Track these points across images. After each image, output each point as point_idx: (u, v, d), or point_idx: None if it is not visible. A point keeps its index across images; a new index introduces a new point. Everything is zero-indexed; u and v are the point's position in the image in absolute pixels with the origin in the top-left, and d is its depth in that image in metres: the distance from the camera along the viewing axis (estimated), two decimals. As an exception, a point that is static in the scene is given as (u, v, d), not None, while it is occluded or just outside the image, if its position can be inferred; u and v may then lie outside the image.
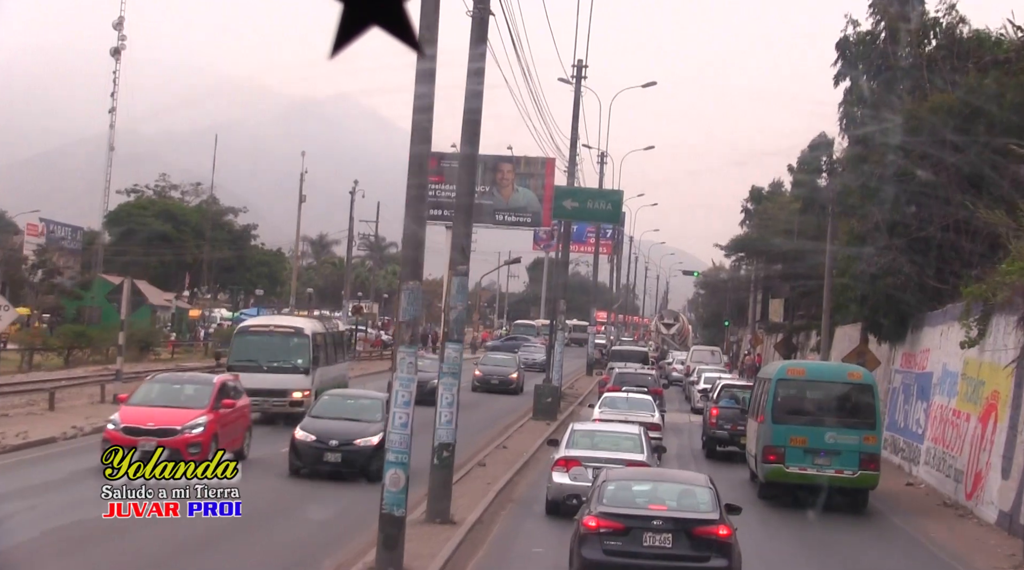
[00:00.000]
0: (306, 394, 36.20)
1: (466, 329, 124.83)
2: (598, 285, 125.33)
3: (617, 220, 48.98)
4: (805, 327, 61.07)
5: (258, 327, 39.51)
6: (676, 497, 16.84)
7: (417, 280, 18.77)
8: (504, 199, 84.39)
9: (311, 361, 37.21)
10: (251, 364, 36.28)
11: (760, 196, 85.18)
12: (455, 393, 22.60)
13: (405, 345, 18.53)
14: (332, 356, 41.15)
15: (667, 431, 43.80)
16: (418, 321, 19.02)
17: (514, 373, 57.61)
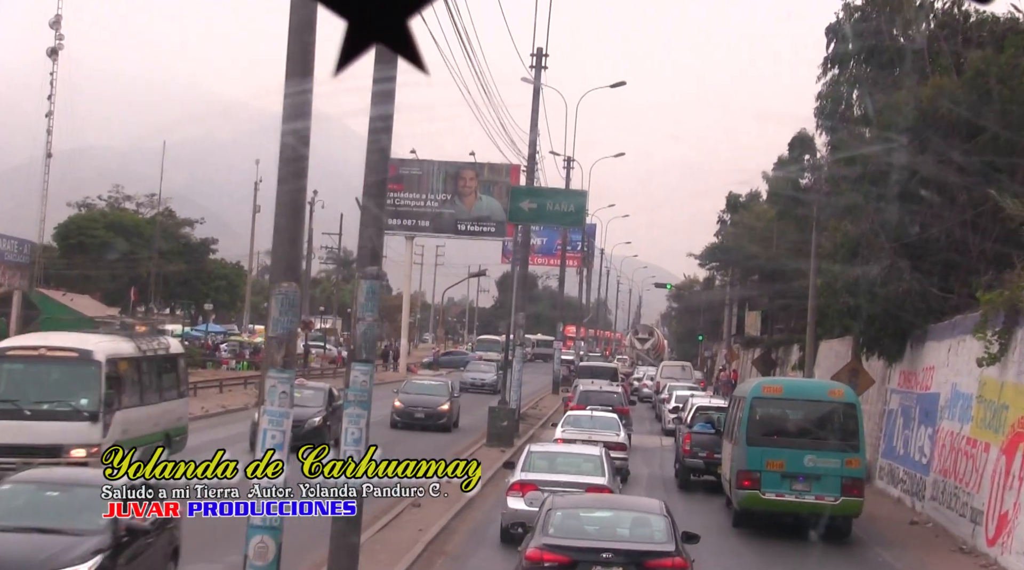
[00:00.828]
0: (93, 451, 24.07)
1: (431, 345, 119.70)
2: (567, 299, 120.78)
3: (581, 223, 44.18)
4: (785, 342, 56.40)
5: (19, 351, 26.44)
6: (628, 526, 15.72)
7: (292, 282, 13.93)
8: (467, 208, 79.71)
9: (102, 402, 24.70)
10: (8, 407, 24.71)
11: (736, 204, 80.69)
12: (363, 428, 17.76)
13: (276, 369, 13.71)
14: (152, 391, 28.25)
15: (637, 456, 39.57)
16: (293, 335, 14.17)
17: (444, 403, 44.09)
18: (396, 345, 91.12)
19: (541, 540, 14.97)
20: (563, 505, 16.24)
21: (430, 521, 24.27)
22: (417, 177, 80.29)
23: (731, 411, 29.99)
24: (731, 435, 28.44)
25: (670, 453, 40.21)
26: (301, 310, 71.75)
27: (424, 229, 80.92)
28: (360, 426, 17.81)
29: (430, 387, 46.67)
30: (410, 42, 3.02)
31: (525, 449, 25.44)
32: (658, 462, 40.27)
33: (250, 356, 79.55)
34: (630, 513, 16.25)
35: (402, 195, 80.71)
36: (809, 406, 26.79)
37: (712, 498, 31.38)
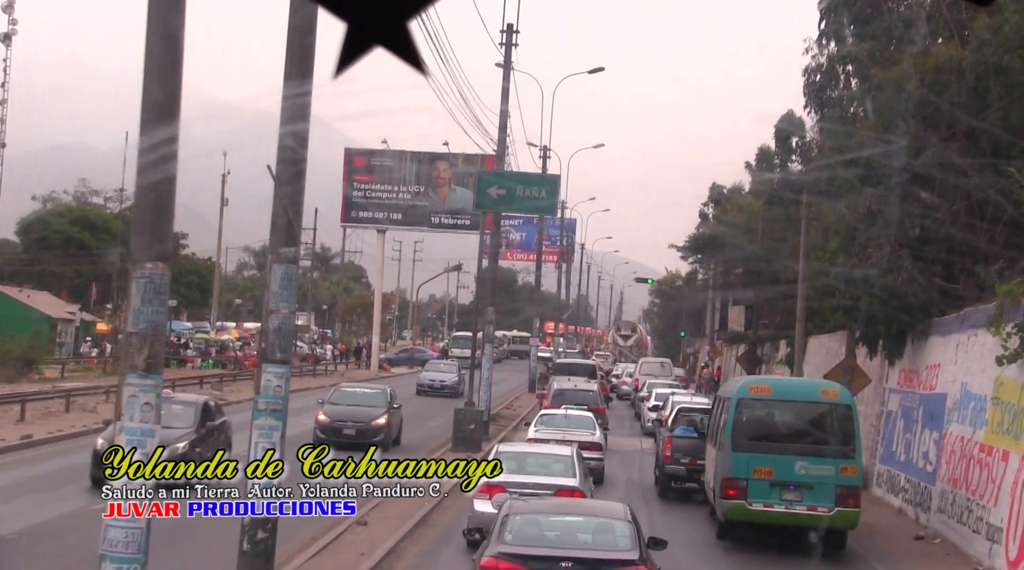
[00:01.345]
0: None
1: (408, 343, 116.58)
2: (546, 295, 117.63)
3: (553, 211, 41.07)
4: (772, 337, 53.41)
5: None
6: (590, 533, 14.87)
7: (161, 262, 10.81)
8: (440, 200, 76.55)
9: None
10: None
11: (720, 197, 77.68)
12: (276, 442, 14.71)
13: (137, 374, 10.62)
14: None
15: (615, 460, 36.76)
16: (161, 331, 11.01)
17: (380, 416, 35.92)
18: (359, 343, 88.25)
19: (497, 548, 14.00)
20: (522, 510, 15.14)
21: (376, 541, 21.22)
22: (389, 168, 77.11)
23: (715, 413, 27.35)
24: (715, 439, 25.86)
25: (650, 457, 37.34)
26: None
27: (396, 222, 77.72)
28: (273, 440, 14.78)
29: (363, 396, 37.83)
30: (410, 44, 3.08)
31: (493, 449, 24.04)
32: (637, 467, 37.27)
33: (217, 354, 76.28)
34: (593, 518, 15.35)
35: (373, 187, 77.47)
36: (800, 408, 24.38)
37: (695, 507, 28.81)
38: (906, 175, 28.20)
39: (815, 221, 40.49)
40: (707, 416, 31.91)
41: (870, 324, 30.32)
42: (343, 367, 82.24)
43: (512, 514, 14.78)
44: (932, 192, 28.41)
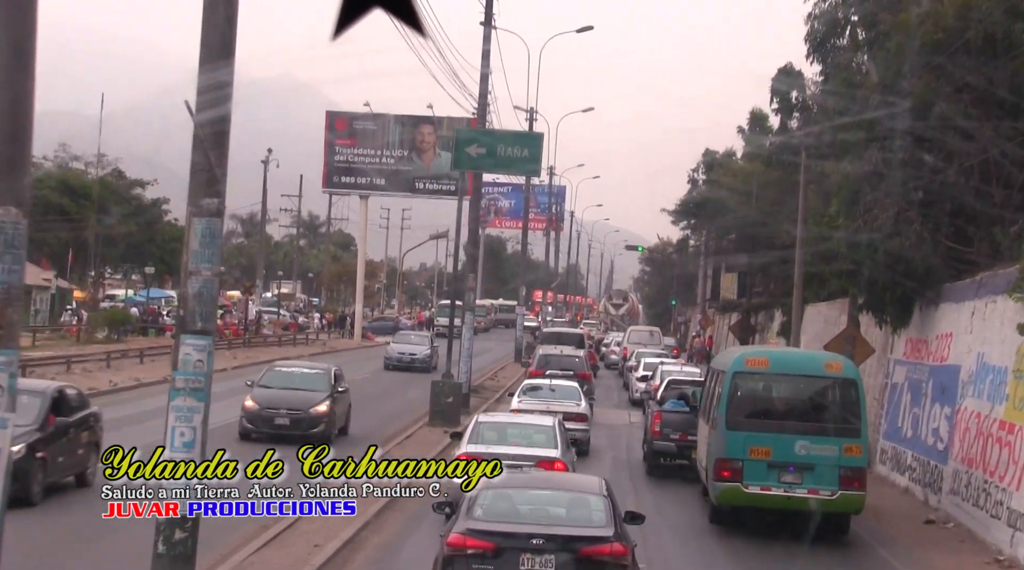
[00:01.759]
0: None
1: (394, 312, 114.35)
2: (536, 263, 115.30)
3: (537, 171, 38.55)
4: (766, 305, 51.20)
5: None
6: (564, 508, 14.17)
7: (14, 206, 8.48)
8: (425, 165, 74.04)
9: None
10: None
11: (712, 162, 75.34)
12: (197, 427, 12.46)
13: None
14: None
15: (601, 434, 34.76)
16: (14, 294, 8.64)
17: (321, 403, 29.23)
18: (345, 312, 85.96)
19: (465, 524, 13.33)
20: (492, 484, 14.42)
21: (334, 530, 18.99)
22: (371, 132, 74.51)
23: (708, 387, 25.32)
24: (708, 416, 23.80)
25: (638, 431, 35.21)
26: (257, 273, 65.05)
27: (379, 188, 75.17)
28: (194, 424, 12.52)
29: (301, 378, 30.69)
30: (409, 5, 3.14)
31: (473, 419, 23.32)
32: (624, 442, 35.10)
33: (196, 323, 73.91)
34: (566, 493, 14.55)
35: (355, 151, 74.89)
36: (801, 382, 22.52)
37: (685, 487, 26.76)
38: (913, 132, 25.93)
39: (814, 184, 38.29)
40: (699, 389, 29.52)
41: (874, 290, 28.08)
42: (326, 336, 79.86)
43: (482, 488, 14.09)
44: (941, 151, 26.15)
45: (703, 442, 24.41)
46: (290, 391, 29.61)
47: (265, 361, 53.92)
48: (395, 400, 41.58)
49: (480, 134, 35.36)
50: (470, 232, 40.13)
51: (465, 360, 38.38)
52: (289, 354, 60.53)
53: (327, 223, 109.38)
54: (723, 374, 22.87)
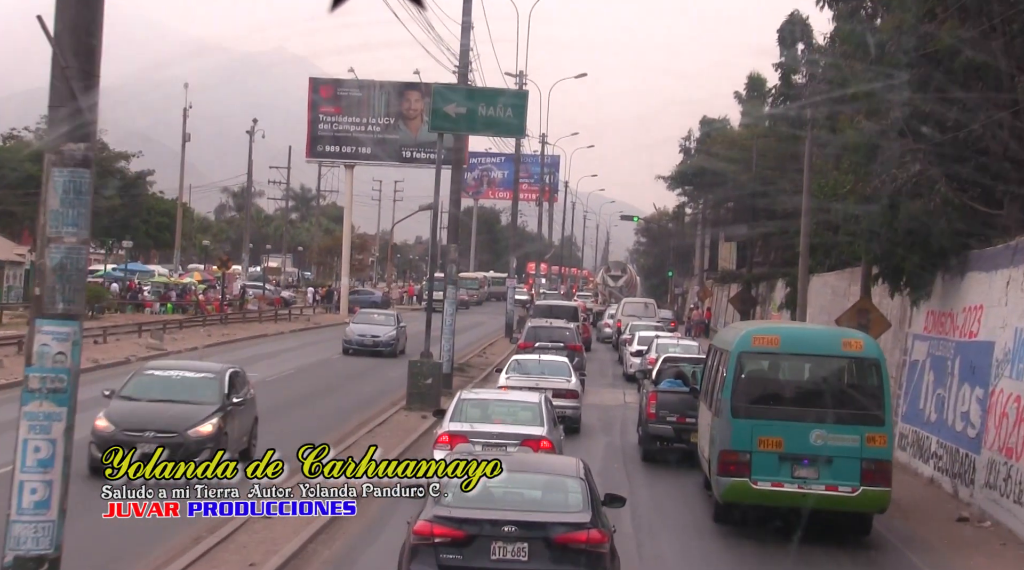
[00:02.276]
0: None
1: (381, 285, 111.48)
2: (529, 234, 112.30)
3: (522, 132, 35.29)
4: (768, 276, 48.28)
5: None
6: (539, 492, 13.24)
7: None
8: (412, 133, 70.90)
9: None
10: None
11: (709, 130, 72.41)
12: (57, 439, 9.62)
13: None
14: None
15: (593, 416, 32.61)
16: None
17: (205, 422, 20.60)
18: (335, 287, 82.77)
19: (433, 511, 12.53)
20: None
21: (277, 542, 16.18)
22: (357, 99, 71.31)
23: (710, 366, 22.56)
24: (710, 400, 21.05)
25: (634, 412, 32.43)
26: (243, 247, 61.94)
27: (366, 157, 71.98)
28: (52, 436, 9.64)
29: (179, 386, 21.55)
30: None
31: (456, 395, 21.90)
32: (618, 425, 32.28)
33: (177, 298, 71.02)
34: (541, 476, 13.70)
35: (340, 119, 71.64)
36: (817, 363, 19.91)
37: (684, 475, 24.18)
38: (935, 82, 22.99)
39: (819, 147, 35.37)
40: (698, 367, 27.22)
41: (890, 258, 25.16)
42: (310, 311, 76.84)
43: None
44: (964, 104, 23.21)
45: (705, 430, 21.72)
46: (161, 405, 21.01)
47: (243, 339, 51.17)
48: (372, 381, 38.68)
49: (459, 92, 32.34)
50: (451, 198, 37.16)
51: (447, 337, 35.47)
52: (268, 331, 57.67)
53: (316, 195, 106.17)
54: (727, 354, 20.11)
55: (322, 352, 47.25)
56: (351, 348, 46.77)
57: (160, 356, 41.44)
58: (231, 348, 46.36)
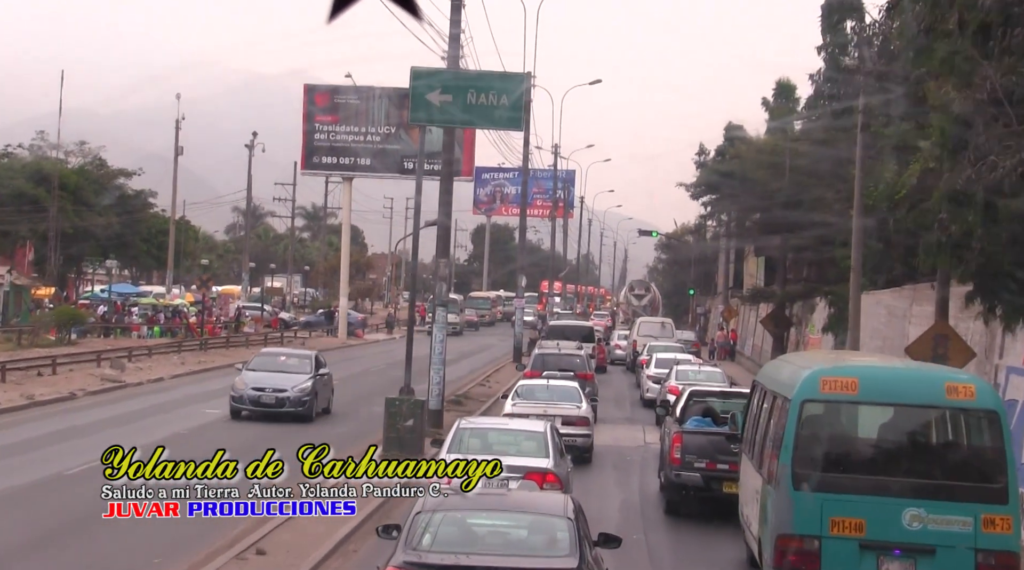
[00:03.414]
0: None
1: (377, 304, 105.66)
2: (545, 252, 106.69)
3: (518, 124, 29.30)
4: (802, 295, 42.51)
5: None
6: (522, 534, 11.99)
7: None
8: (414, 143, 65.17)
9: None
10: None
11: (733, 138, 67.05)
12: None
13: None
14: None
15: (607, 463, 27.21)
16: None
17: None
18: None
19: (402, 556, 11.06)
20: (436, 506, 11.90)
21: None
22: (355, 107, 65.83)
23: (755, 410, 17.39)
24: (759, 458, 15.88)
25: (654, 453, 27.02)
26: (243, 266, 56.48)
27: (364, 169, 66.42)
28: None
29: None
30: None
31: (454, 425, 19.99)
32: (637, 473, 26.62)
33: (166, 321, 65.58)
34: (525, 515, 12.17)
35: (337, 129, 66.18)
36: (911, 415, 14.49)
37: (718, 538, 19.49)
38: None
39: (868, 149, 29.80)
40: (729, 403, 23.22)
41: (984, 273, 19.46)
42: (306, 335, 71.13)
43: (424, 511, 11.74)
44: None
45: (751, 496, 16.26)
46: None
47: (220, 367, 45.68)
48: (346, 421, 32.68)
49: (443, 75, 26.56)
50: (440, 207, 31.59)
51: (436, 368, 29.86)
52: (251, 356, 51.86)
53: (323, 211, 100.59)
54: (782, 399, 14.73)
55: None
56: (245, 409, 31.02)
57: (118, 388, 35.99)
58: (199, 379, 40.79)
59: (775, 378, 16.68)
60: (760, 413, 16.53)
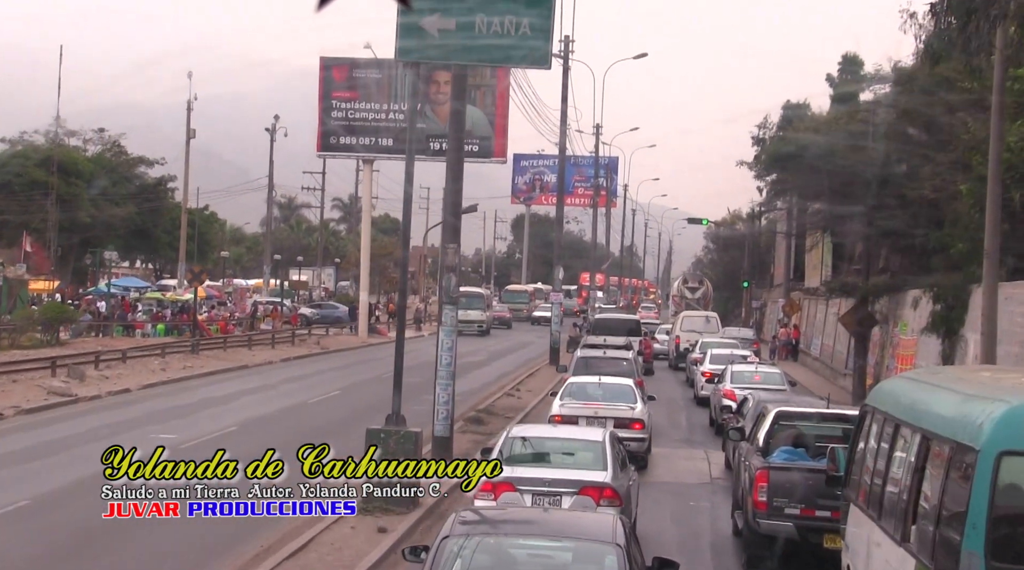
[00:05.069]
0: None
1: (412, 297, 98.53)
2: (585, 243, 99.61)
3: (544, 61, 22.02)
4: (896, 287, 35.08)
5: None
6: (566, 563, 10.48)
7: None
8: (441, 122, 58.06)
9: None
10: None
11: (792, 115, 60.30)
12: None
13: None
14: None
15: (665, 512, 19.70)
16: None
17: None
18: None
19: None
20: (466, 531, 10.30)
21: None
22: (376, 82, 58.84)
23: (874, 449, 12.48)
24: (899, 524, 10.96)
25: (725, 491, 20.21)
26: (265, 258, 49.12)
27: (386, 150, 59.33)
28: None
29: None
30: None
31: (503, 433, 17.72)
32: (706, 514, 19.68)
33: (173, 318, 58.85)
34: (568, 543, 10.49)
35: (356, 106, 59.14)
36: None
37: None
38: None
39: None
40: (822, 428, 18.18)
41: None
42: (322, 332, 64.17)
43: (453, 535, 10.16)
44: None
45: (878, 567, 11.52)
46: None
47: (210, 373, 38.80)
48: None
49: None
50: (448, 180, 24.46)
51: (443, 383, 22.77)
52: (255, 359, 44.97)
53: (353, 201, 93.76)
54: (950, 447, 9.71)
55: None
56: None
57: (66, 404, 29.19)
58: (175, 390, 33.78)
59: (920, 408, 11.07)
60: (892, 457, 11.46)
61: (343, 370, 43.05)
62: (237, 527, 15.86)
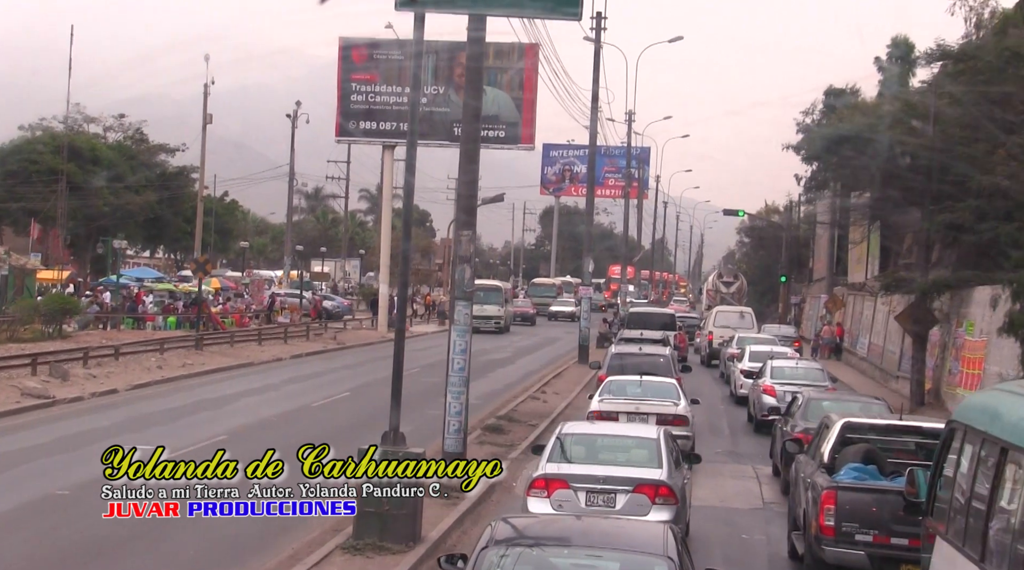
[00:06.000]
0: None
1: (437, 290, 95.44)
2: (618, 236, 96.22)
3: (575, 9, 19.14)
4: (962, 283, 31.71)
5: None
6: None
7: None
8: (466, 104, 55.06)
9: None
10: None
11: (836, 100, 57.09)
12: None
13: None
14: None
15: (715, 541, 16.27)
16: None
17: None
18: None
19: None
20: (507, 538, 9.63)
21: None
22: (397, 63, 55.69)
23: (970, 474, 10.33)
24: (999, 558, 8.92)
25: (778, 515, 17.18)
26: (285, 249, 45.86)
27: (407, 135, 56.47)
28: None
29: None
30: None
31: (555, 431, 16.75)
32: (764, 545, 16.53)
33: (184, 310, 55.97)
34: (615, 554, 9.62)
35: (376, 89, 56.00)
36: None
37: None
38: None
39: None
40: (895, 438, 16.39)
41: None
42: (339, 327, 61.13)
43: (492, 545, 9.44)
44: None
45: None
46: None
47: (209, 371, 35.78)
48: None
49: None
50: (463, 159, 21.33)
51: (455, 392, 19.65)
52: (263, 356, 41.87)
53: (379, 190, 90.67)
54: None
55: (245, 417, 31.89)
56: None
57: (40, 407, 26.21)
58: (168, 391, 30.76)
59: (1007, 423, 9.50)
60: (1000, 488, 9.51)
61: (356, 368, 40.02)
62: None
